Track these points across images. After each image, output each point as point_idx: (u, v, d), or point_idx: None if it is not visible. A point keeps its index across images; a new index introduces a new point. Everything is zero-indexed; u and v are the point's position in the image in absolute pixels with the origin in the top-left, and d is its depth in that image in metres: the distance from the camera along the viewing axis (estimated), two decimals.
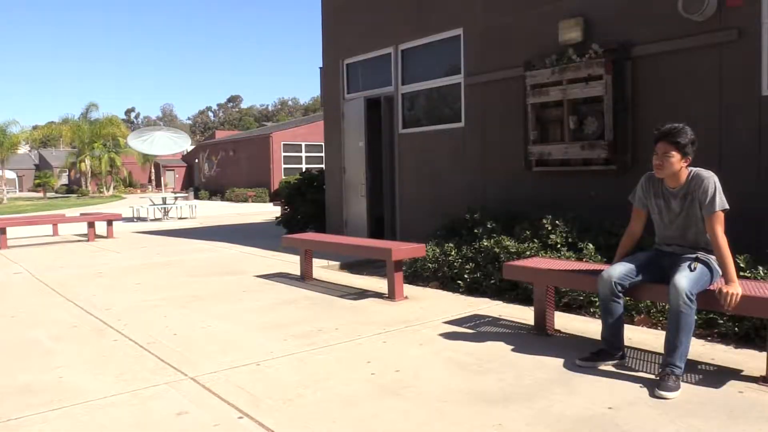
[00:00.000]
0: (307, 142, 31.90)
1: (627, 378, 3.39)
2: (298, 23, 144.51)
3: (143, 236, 12.26)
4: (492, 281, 5.56)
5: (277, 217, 12.55)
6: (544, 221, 5.71)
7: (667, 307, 4.43)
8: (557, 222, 5.65)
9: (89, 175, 43.69)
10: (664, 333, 4.19)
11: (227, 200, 32.20)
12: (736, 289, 3.22)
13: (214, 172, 37.92)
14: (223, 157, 36.80)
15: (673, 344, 3.25)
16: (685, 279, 3.27)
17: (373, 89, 9.15)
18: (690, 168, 3.45)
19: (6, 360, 4.03)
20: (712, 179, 3.36)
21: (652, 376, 3.38)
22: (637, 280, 3.58)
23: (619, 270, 3.55)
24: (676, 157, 3.37)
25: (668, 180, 3.49)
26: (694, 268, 3.33)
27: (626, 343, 4.02)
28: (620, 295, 3.56)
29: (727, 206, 3.34)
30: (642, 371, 3.49)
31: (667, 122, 3.57)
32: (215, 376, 3.58)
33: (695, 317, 3.33)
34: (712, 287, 3.41)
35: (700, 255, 3.46)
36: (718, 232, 3.32)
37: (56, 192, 50.90)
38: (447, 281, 6.03)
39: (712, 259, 3.48)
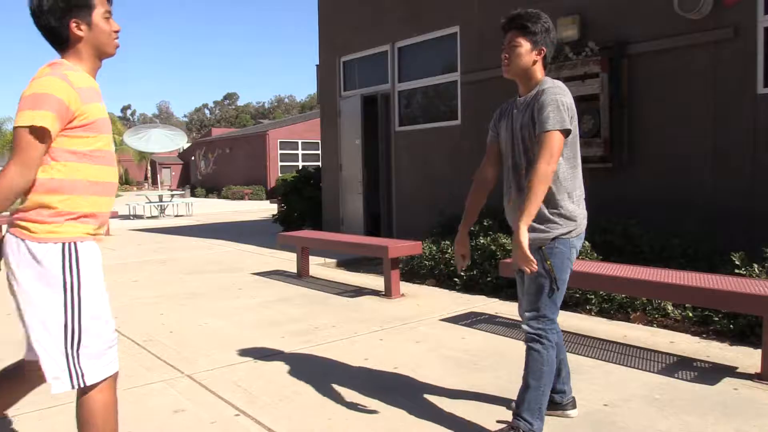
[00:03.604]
0: (304, 139, 31.85)
1: (623, 375, 3.40)
2: (295, 20, 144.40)
3: (139, 234, 12.24)
4: (488, 279, 5.57)
5: (273, 215, 12.56)
6: None
7: (662, 304, 4.46)
8: None
9: None
10: (660, 330, 4.24)
11: (224, 198, 32.15)
12: (518, 238, 2.33)
13: (211, 170, 37.85)
14: (220, 154, 36.73)
15: (521, 388, 2.52)
16: (526, 300, 2.53)
17: (370, 87, 9.15)
18: (548, 78, 2.66)
19: (2, 358, 4.02)
20: (554, 90, 2.49)
21: (649, 373, 3.40)
22: None
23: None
24: (525, 47, 2.56)
25: (519, 84, 2.70)
26: (553, 275, 2.47)
27: (622, 340, 4.05)
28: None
29: (568, 126, 2.42)
30: (638, 368, 3.51)
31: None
32: (212, 374, 3.58)
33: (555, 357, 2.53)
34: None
35: (546, 228, 2.52)
36: (543, 158, 2.35)
37: None
38: (443, 279, 6.04)
39: (562, 224, 2.58)
